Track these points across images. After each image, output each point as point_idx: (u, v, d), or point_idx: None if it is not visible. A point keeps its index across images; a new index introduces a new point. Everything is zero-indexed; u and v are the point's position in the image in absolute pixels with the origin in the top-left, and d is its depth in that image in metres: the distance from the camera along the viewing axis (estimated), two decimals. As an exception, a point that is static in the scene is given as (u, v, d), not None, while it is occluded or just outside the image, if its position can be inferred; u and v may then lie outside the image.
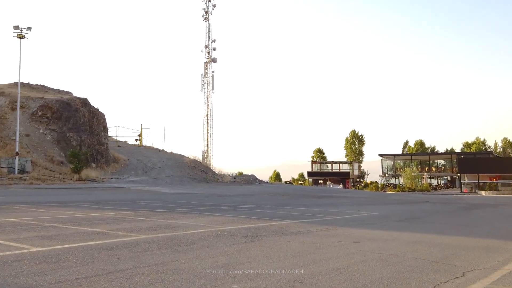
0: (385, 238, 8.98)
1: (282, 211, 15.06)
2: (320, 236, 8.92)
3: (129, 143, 49.62)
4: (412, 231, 10.41)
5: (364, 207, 18.66)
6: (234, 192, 27.85)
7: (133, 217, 11.64)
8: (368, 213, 15.13)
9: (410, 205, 21.51)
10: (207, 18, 65.84)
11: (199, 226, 9.94)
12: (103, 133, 38.58)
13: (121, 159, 38.68)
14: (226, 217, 12.10)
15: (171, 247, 7.13)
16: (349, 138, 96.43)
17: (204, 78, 64.39)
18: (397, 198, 29.81)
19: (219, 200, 20.39)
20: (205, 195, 24.66)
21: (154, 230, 9.06)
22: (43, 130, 35.08)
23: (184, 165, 38.82)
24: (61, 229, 8.97)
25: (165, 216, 11.93)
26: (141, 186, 29.01)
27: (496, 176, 53.80)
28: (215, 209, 14.97)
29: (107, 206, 15.15)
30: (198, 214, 12.82)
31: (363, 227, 10.74)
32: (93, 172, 32.64)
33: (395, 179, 71.82)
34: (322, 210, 16.15)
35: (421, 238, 9.13)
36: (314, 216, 13.49)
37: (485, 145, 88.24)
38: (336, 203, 20.67)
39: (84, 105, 37.98)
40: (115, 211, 13.27)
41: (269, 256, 6.56)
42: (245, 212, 14.00)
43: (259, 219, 11.77)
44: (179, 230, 9.14)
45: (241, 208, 15.93)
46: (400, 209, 18.07)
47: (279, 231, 9.50)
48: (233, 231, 9.22)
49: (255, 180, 38.89)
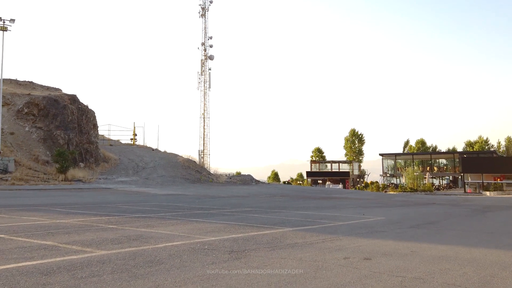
0: (402, 252, 7.34)
1: (278, 215, 13.40)
2: (322, 250, 7.27)
3: (122, 142, 47.92)
4: (432, 241, 8.76)
5: (369, 210, 17.02)
6: (228, 193, 26.17)
7: (103, 224, 9.97)
8: (375, 218, 13.48)
9: (417, 207, 19.88)
10: (203, 14, 64.16)
11: (176, 236, 8.28)
12: (93, 131, 36.84)
13: (112, 159, 36.96)
14: (213, 224, 10.44)
15: (130, 269, 5.47)
16: (349, 137, 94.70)
17: (200, 76, 62.72)
18: (402, 199, 28.18)
19: (210, 203, 18.73)
20: (196, 196, 23.00)
21: (119, 243, 7.40)
22: (29, 128, 33.36)
23: (177, 164, 37.10)
24: (4, 241, 7.30)
25: (141, 223, 10.26)
26: (130, 187, 27.33)
27: (500, 176, 52.19)
28: (202, 214, 13.31)
29: (81, 210, 13.49)
30: (181, 220, 11.16)
31: (373, 237, 9.09)
32: (81, 172, 30.93)
33: (396, 179, 70.22)
34: (323, 214, 14.49)
35: (446, 251, 7.48)
36: (314, 221, 11.83)
37: (488, 144, 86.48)
38: (338, 206, 19.02)
39: (73, 102, 36.24)
40: (87, 217, 11.60)
41: (257, 285, 4.91)
42: (236, 218, 12.34)
43: (250, 226, 10.12)
44: (149, 243, 7.48)
45: (232, 212, 14.26)
46: (408, 212, 16.43)
47: (273, 242, 7.85)
48: (216, 243, 7.56)
49: (251, 181, 37.19)
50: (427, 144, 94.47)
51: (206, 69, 63.36)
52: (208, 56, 63.08)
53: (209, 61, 63.40)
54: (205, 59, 63.23)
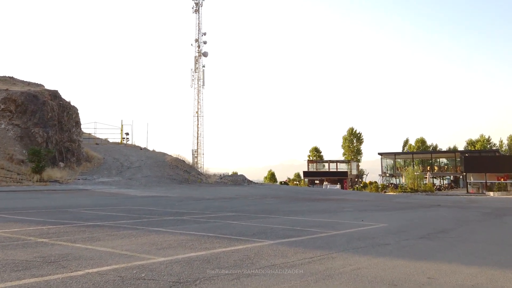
0: (416, 279, 5.31)
1: (262, 222, 11.35)
2: (305, 277, 5.23)
3: (110, 141, 45.84)
4: (452, 259, 6.71)
5: (368, 214, 14.99)
6: (215, 195, 24.10)
7: (35, 237, 7.90)
8: (376, 224, 11.45)
9: (422, 210, 17.86)
10: (197, 10, 62.24)
11: (115, 256, 6.23)
12: (75, 129, 34.70)
13: (95, 158, 34.84)
14: (176, 236, 8.40)
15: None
16: (347, 136, 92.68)
17: (194, 73, 60.85)
18: (403, 200, 26.16)
19: (190, 206, 16.67)
20: (179, 198, 20.93)
21: (22, 269, 5.34)
22: (5, 125, 31.23)
23: (164, 164, 34.99)
24: None
25: (84, 236, 8.20)
26: (109, 188, 25.24)
27: (504, 175, 50.24)
28: (172, 221, 11.25)
29: (29, 216, 11.42)
30: (140, 231, 9.10)
31: (375, 253, 7.05)
32: (59, 172, 28.83)
33: (395, 179, 68.28)
34: (315, 219, 12.44)
35: (477, 277, 5.44)
36: (302, 230, 9.78)
37: (490, 143, 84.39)
38: (334, 209, 16.98)
39: (54, 98, 34.11)
40: (26, 225, 9.53)
41: None
42: (210, 226, 10.28)
43: (221, 239, 8.08)
44: (68, 268, 5.42)
45: (208, 218, 12.20)
46: (413, 217, 14.40)
47: (241, 265, 5.81)
48: (161, 269, 5.50)
49: (243, 181, 35.11)
50: (427, 143, 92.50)
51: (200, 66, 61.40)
52: (202, 52, 61.11)
53: (203, 58, 61.47)
54: (198, 56, 61.27)
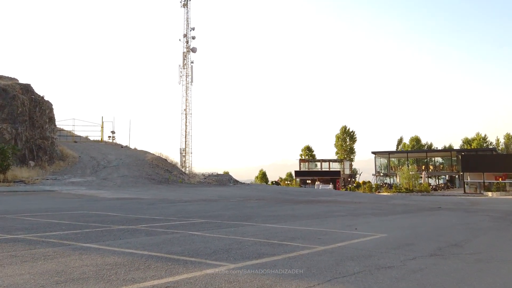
0: None
1: (232, 233, 9.19)
2: None
3: (91, 139, 43.50)
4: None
5: (362, 219, 12.90)
6: (193, 197, 21.90)
7: None
8: (372, 235, 9.35)
9: (423, 214, 15.81)
10: (185, 4, 59.91)
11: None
12: (48, 126, 32.31)
13: (70, 156, 32.50)
14: (103, 258, 6.22)
15: None
16: (340, 134, 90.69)
17: (182, 69, 58.60)
18: (400, 202, 24.14)
19: (158, 211, 14.47)
20: (151, 201, 18.72)
21: None
22: (-30, 121, 28.83)
23: (144, 163, 32.72)
24: None
25: (-25, 257, 6.00)
26: (79, 189, 22.97)
27: (503, 175, 48.45)
28: (119, 231, 9.05)
29: None
30: (62, 248, 6.91)
31: (374, 284, 4.92)
32: (27, 171, 26.52)
33: (389, 179, 66.46)
34: (299, 228, 10.30)
35: None
36: (279, 245, 7.63)
37: (486, 142, 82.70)
38: (323, 213, 14.87)
39: (25, 92, 31.72)
40: None
41: None
42: (162, 240, 8.11)
43: (163, 262, 5.91)
44: None
45: (168, 227, 10.03)
46: (416, 224, 12.33)
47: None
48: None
49: (229, 181, 32.94)
50: (422, 141, 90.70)
51: (188, 62, 59.17)
52: (191, 48, 58.90)
53: (191, 54, 59.24)
54: (187, 52, 59.04)
